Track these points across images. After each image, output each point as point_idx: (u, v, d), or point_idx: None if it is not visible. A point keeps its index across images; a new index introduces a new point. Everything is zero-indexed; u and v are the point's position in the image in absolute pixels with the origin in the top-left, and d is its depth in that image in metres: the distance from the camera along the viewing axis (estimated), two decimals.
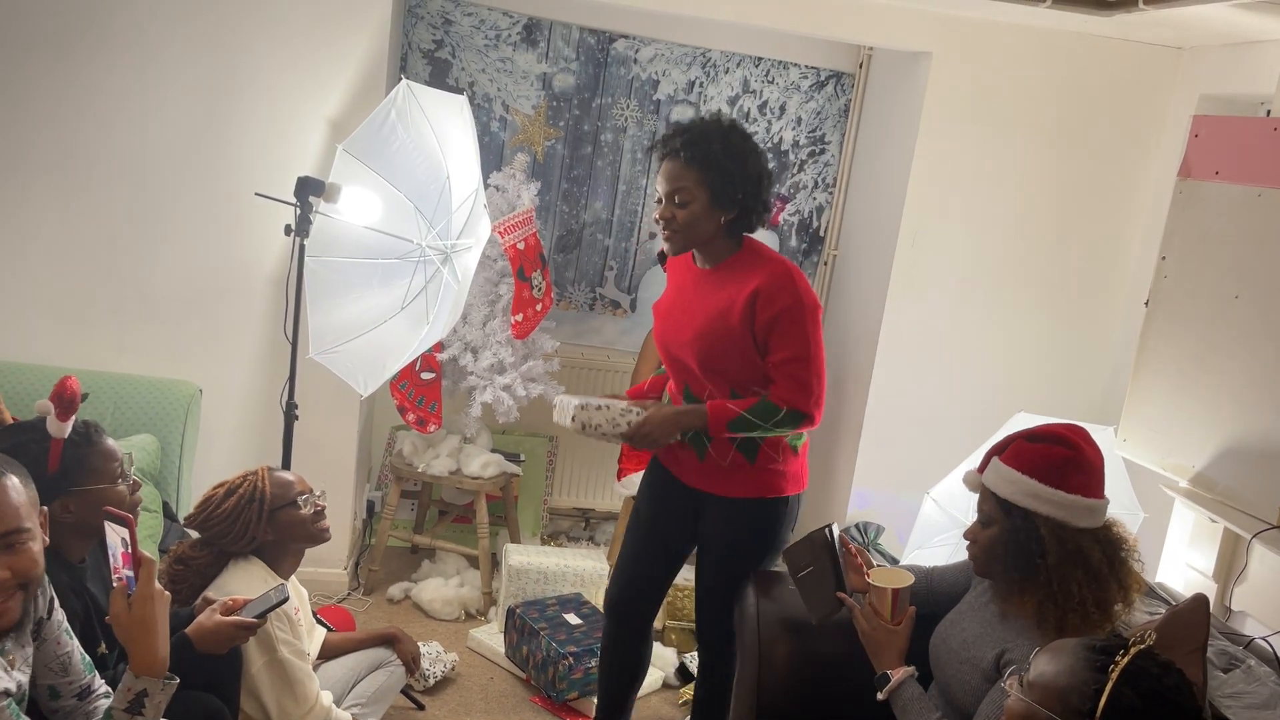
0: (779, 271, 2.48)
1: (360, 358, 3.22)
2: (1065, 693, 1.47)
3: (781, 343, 2.45)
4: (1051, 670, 1.51)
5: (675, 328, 2.59)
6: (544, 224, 4.28)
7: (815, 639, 2.38)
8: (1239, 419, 2.57)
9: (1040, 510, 1.97)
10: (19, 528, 1.67)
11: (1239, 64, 3.41)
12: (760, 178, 2.50)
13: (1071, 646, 1.54)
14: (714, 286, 2.54)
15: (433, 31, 4.06)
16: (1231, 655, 2.20)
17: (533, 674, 3.41)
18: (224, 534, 2.46)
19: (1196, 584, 2.69)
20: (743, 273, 2.51)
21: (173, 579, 2.45)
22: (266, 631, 2.33)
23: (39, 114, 3.35)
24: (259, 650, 2.36)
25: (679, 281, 2.66)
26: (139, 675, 1.76)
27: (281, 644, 2.37)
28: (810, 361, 2.47)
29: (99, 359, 3.45)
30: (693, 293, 2.58)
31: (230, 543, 2.46)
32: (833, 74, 4.30)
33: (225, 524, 2.45)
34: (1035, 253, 3.89)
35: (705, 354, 2.52)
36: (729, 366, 2.51)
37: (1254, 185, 2.58)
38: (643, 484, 2.82)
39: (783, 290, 2.44)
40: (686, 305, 2.58)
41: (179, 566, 2.47)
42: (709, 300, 2.53)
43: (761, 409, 2.46)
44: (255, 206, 3.28)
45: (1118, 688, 1.43)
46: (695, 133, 2.47)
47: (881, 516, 3.98)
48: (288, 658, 2.38)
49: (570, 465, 4.50)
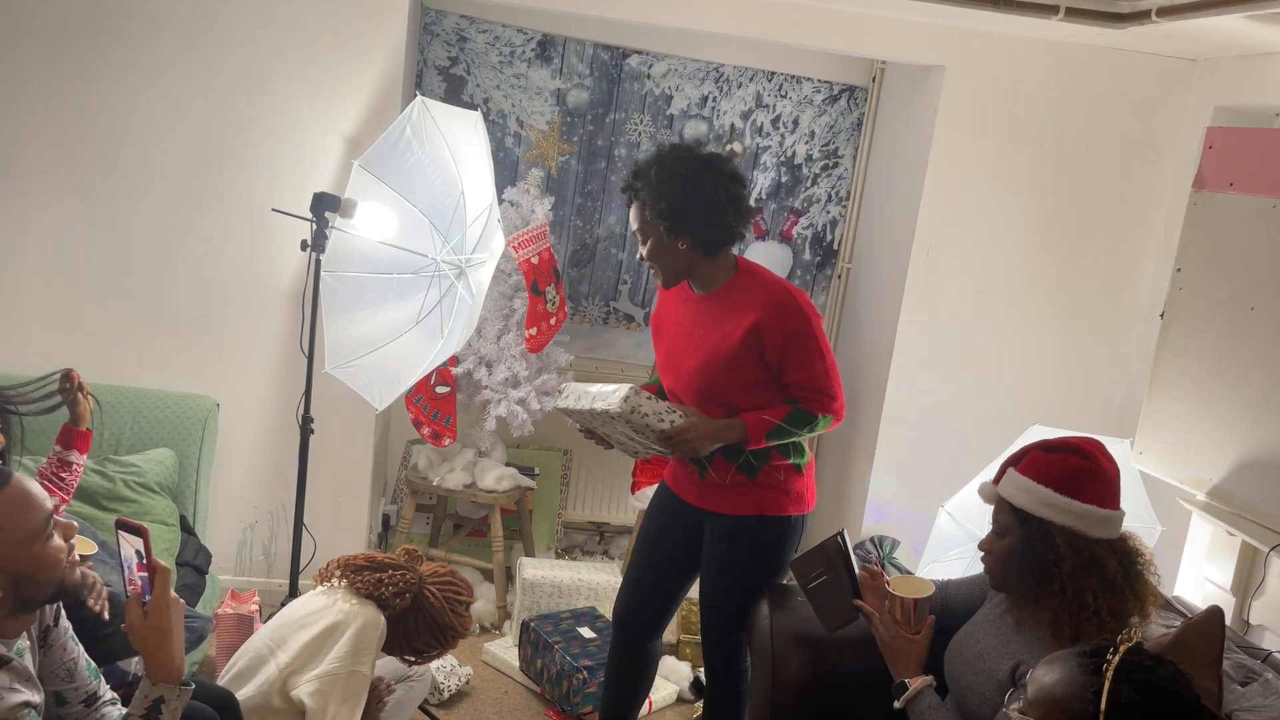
0: (777, 298, 2.47)
1: (375, 372, 3.24)
2: (1066, 701, 1.47)
3: (795, 364, 2.47)
4: (1049, 682, 1.52)
5: (678, 358, 2.59)
6: (558, 238, 4.30)
7: (828, 653, 2.37)
8: (1256, 431, 2.56)
9: (1056, 520, 1.96)
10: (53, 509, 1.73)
11: (1253, 75, 3.40)
12: (711, 195, 2.42)
13: (1064, 657, 1.54)
14: (713, 317, 2.54)
15: (448, 48, 4.09)
16: (1249, 669, 2.18)
17: (547, 688, 3.41)
18: (453, 603, 2.69)
19: (1214, 597, 2.67)
20: (740, 300, 2.50)
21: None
22: (368, 642, 2.45)
23: (59, 132, 3.40)
24: (353, 656, 2.43)
25: (676, 309, 2.65)
26: (156, 682, 1.78)
27: (370, 664, 2.46)
28: (826, 372, 2.50)
29: (117, 373, 3.48)
30: (694, 323, 2.58)
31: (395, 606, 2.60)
32: (846, 88, 4.31)
33: (457, 610, 2.71)
34: (1049, 265, 3.88)
35: (706, 384, 2.52)
36: (728, 395, 2.50)
37: (1269, 196, 2.58)
38: (651, 503, 2.83)
39: (786, 315, 2.45)
40: (689, 336, 2.57)
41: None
42: (710, 332, 2.53)
43: (796, 417, 2.49)
44: (272, 222, 3.31)
45: (1115, 686, 1.43)
46: (639, 169, 2.50)
47: (896, 530, 3.97)
48: (368, 675, 2.45)
49: (585, 479, 4.50)
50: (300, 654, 2.44)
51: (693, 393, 2.54)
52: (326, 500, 3.67)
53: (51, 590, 1.75)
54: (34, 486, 1.73)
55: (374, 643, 2.49)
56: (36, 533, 1.70)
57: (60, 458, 2.67)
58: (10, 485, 1.69)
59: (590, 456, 4.44)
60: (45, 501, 1.73)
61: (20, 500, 1.69)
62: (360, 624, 2.47)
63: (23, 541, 1.68)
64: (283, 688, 2.41)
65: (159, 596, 1.79)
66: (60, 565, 1.74)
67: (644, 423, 2.43)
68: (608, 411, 2.43)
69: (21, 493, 1.70)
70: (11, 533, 1.67)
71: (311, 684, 2.39)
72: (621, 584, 2.88)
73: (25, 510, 1.69)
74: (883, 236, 4.18)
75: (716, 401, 2.52)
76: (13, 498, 1.69)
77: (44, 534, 1.71)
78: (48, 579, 1.72)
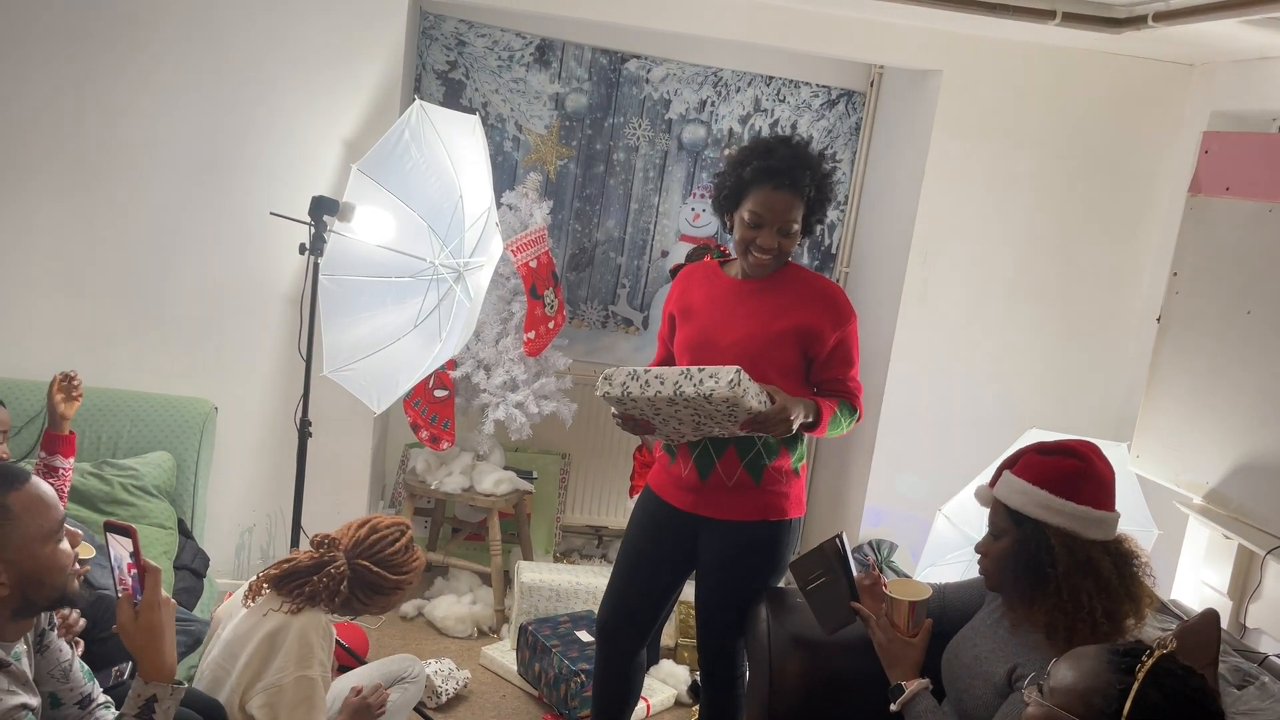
0: (834, 298, 2.57)
1: (374, 375, 3.24)
2: (1088, 694, 1.47)
3: (841, 362, 2.57)
4: (1074, 674, 1.51)
5: (717, 332, 2.56)
6: (556, 242, 4.31)
7: (827, 656, 2.37)
8: (1253, 435, 2.57)
9: (1051, 521, 1.97)
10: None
11: (1249, 80, 3.41)
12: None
13: (1093, 652, 1.54)
14: (757, 296, 2.55)
15: (447, 53, 4.10)
16: (1246, 672, 2.18)
17: (545, 691, 3.41)
18: (391, 562, 2.47)
19: (1211, 601, 2.68)
20: (793, 291, 2.54)
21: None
22: (309, 645, 2.33)
23: (57, 135, 3.40)
24: (297, 662, 2.32)
25: (709, 292, 2.62)
26: (148, 681, 1.78)
27: (319, 664, 2.35)
28: (857, 369, 2.61)
29: (115, 377, 3.48)
30: (736, 301, 2.57)
31: (377, 581, 2.47)
32: (844, 92, 4.32)
33: (397, 562, 2.48)
34: (1047, 269, 3.89)
35: (747, 357, 2.48)
36: (766, 374, 2.47)
37: (1265, 201, 2.59)
38: (636, 511, 2.78)
39: (843, 316, 2.56)
40: (730, 312, 2.57)
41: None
42: (752, 309, 2.54)
43: (845, 408, 2.57)
44: (270, 225, 3.31)
45: (1143, 688, 1.43)
46: (801, 164, 2.48)
47: (894, 534, 3.97)
48: (319, 679, 2.35)
49: (583, 483, 4.50)
50: (247, 668, 2.36)
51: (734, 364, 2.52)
52: (324, 504, 3.67)
53: (55, 595, 1.76)
54: (47, 489, 1.75)
55: (316, 643, 2.36)
56: (48, 534, 1.72)
57: (46, 464, 2.68)
58: (27, 484, 1.71)
59: (588, 461, 4.44)
60: (58, 505, 1.75)
61: (35, 499, 1.71)
62: (299, 627, 2.36)
63: (36, 539, 1.70)
64: (241, 703, 2.36)
65: (150, 596, 1.79)
66: (66, 570, 1.76)
67: (745, 405, 2.28)
68: (712, 394, 2.26)
69: (36, 492, 1.72)
70: (28, 528, 1.69)
71: (259, 697, 2.32)
72: (606, 593, 2.81)
73: (39, 510, 1.71)
74: (880, 240, 4.18)
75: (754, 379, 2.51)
76: (30, 495, 1.71)
77: (55, 537, 1.73)
78: (53, 582, 1.73)
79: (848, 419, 2.58)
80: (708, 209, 4.31)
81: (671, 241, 4.40)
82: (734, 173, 2.52)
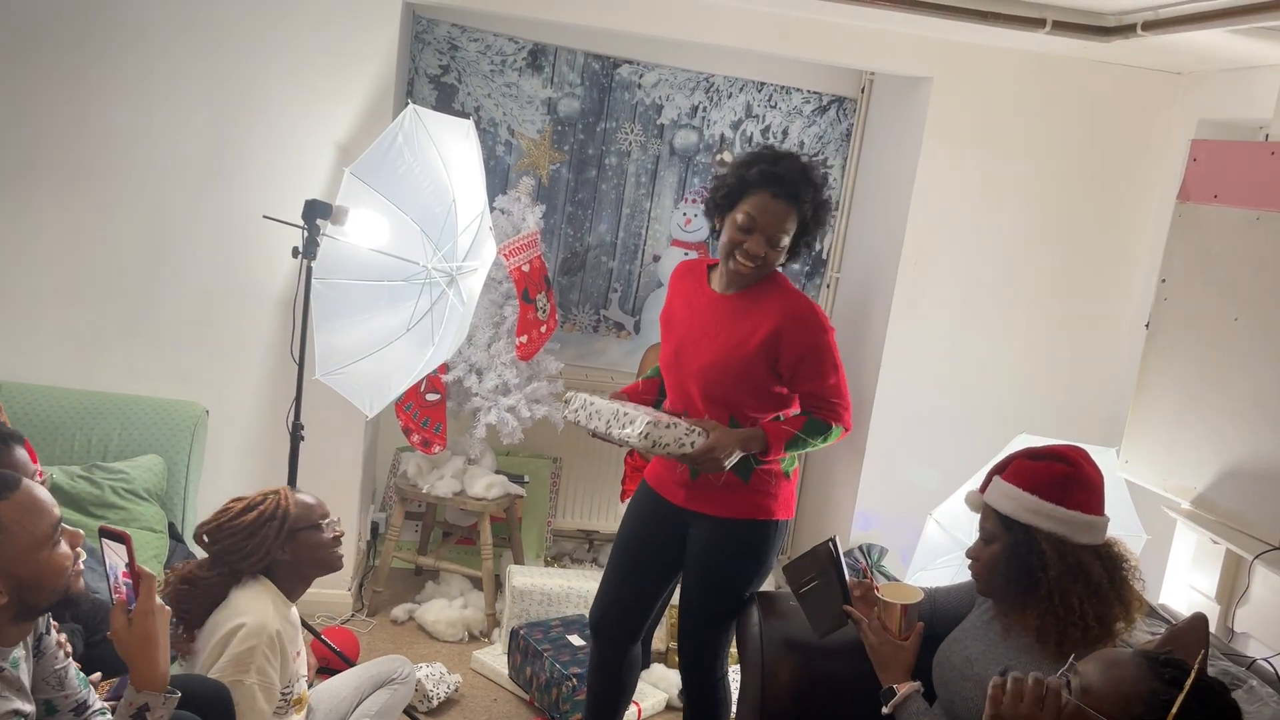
0: (798, 309, 2.51)
1: (366, 379, 3.24)
2: (1128, 700, 1.48)
3: (811, 375, 2.51)
4: (1112, 677, 1.52)
5: (688, 354, 2.58)
6: (549, 247, 4.31)
7: (819, 659, 2.38)
8: (1240, 440, 2.59)
9: (1041, 526, 1.98)
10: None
11: (1237, 89, 3.44)
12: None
13: (1131, 658, 1.55)
14: (731, 315, 2.54)
15: (439, 57, 4.10)
16: (1234, 676, 2.20)
17: (536, 695, 3.41)
18: (237, 549, 2.35)
19: (1199, 605, 2.69)
20: (761, 304, 2.52)
21: (178, 599, 2.34)
22: (248, 651, 2.23)
23: (51, 138, 3.40)
24: (232, 666, 2.23)
25: (690, 303, 2.64)
26: (140, 690, 1.77)
27: (255, 670, 2.24)
28: (838, 385, 2.55)
29: (106, 380, 3.47)
30: (709, 319, 2.57)
31: (242, 559, 2.35)
32: (835, 99, 4.34)
33: (240, 538, 2.34)
34: (1037, 275, 3.91)
35: (712, 384, 2.52)
36: (733, 397, 2.52)
37: (1252, 209, 2.61)
38: (631, 505, 2.80)
39: (806, 328, 2.49)
40: (703, 332, 2.57)
41: (184, 586, 2.36)
42: (725, 330, 2.53)
43: (812, 426, 2.53)
44: (263, 229, 3.31)
45: (1188, 701, 1.45)
46: (805, 180, 2.48)
47: (884, 538, 3.99)
48: (253, 685, 2.23)
49: (574, 487, 4.50)
50: (206, 660, 2.28)
51: (697, 390, 2.54)
52: None
53: (55, 598, 1.73)
54: (42, 492, 1.72)
55: (259, 652, 2.25)
56: (43, 539, 1.68)
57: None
58: (19, 490, 1.68)
59: (580, 465, 4.44)
60: (53, 508, 1.72)
61: (28, 505, 1.68)
62: (244, 633, 2.25)
63: (30, 547, 1.67)
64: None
65: (144, 604, 1.78)
66: (65, 573, 1.73)
67: (665, 451, 2.42)
68: (625, 441, 2.45)
69: (30, 498, 1.68)
70: (19, 537, 1.65)
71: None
72: (599, 589, 2.82)
73: (33, 516, 1.68)
74: (871, 246, 4.20)
75: (719, 403, 2.53)
76: (21, 503, 1.67)
77: (51, 541, 1.70)
78: (52, 586, 1.71)
79: (818, 437, 2.54)
80: (699, 214, 4.32)
81: (663, 246, 4.41)
82: (737, 173, 2.51)
